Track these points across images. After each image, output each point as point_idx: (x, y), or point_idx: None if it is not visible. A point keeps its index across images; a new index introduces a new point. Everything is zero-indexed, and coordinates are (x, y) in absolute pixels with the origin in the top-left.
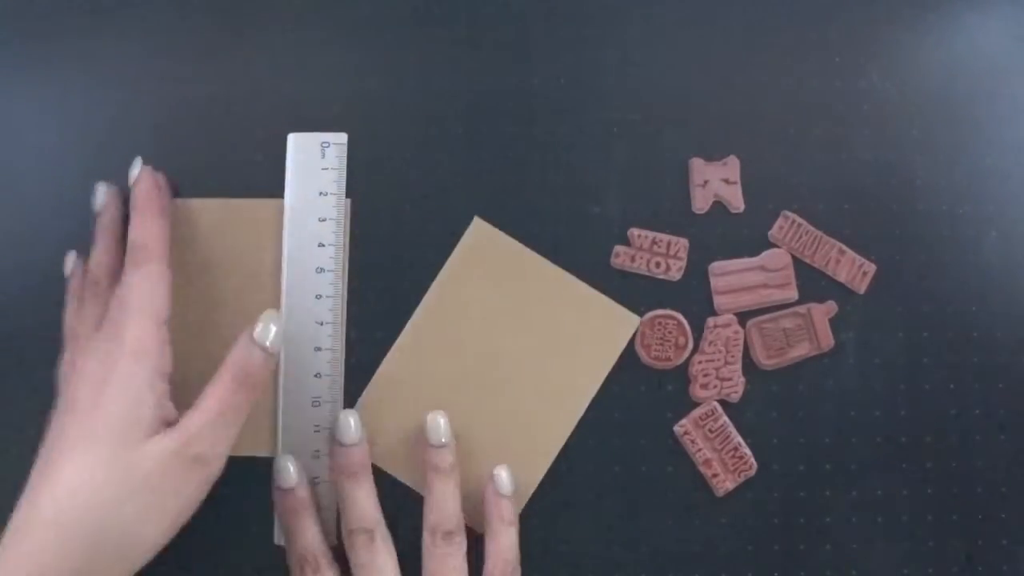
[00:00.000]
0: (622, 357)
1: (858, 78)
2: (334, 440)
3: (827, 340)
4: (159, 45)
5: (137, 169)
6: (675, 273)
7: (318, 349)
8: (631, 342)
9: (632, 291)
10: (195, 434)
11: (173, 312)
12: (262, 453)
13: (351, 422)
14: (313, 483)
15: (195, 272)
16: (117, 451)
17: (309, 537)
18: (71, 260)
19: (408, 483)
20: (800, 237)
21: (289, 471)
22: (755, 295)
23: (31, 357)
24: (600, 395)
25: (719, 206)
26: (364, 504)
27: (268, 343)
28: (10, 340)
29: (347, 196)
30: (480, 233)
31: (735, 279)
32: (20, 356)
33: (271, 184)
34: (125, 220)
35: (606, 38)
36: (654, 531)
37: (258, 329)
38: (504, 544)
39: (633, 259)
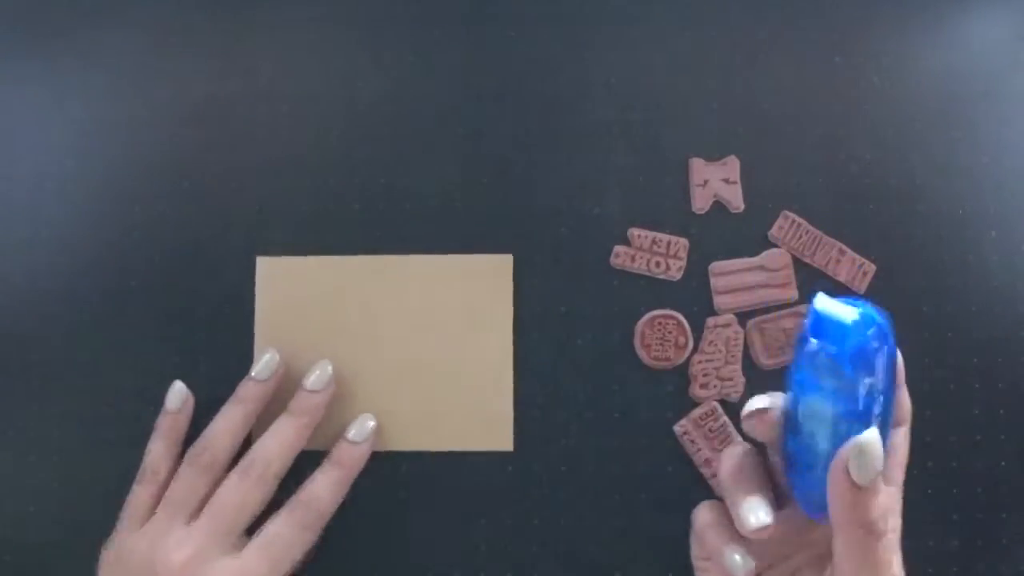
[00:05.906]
0: (622, 357)
1: (858, 78)
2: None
3: None
4: (160, 45)
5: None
6: (675, 273)
7: None
8: (631, 341)
9: (632, 291)
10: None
11: (412, 361)
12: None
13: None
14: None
15: (426, 325)
16: None
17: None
18: (179, 394)
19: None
20: (800, 237)
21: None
22: (755, 295)
23: (31, 357)
24: (600, 395)
25: (719, 206)
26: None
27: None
28: (10, 340)
29: (344, 198)
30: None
31: (735, 279)
32: (20, 355)
33: (269, 183)
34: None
35: (606, 38)
36: (654, 531)
37: (334, 474)
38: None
39: (633, 259)
